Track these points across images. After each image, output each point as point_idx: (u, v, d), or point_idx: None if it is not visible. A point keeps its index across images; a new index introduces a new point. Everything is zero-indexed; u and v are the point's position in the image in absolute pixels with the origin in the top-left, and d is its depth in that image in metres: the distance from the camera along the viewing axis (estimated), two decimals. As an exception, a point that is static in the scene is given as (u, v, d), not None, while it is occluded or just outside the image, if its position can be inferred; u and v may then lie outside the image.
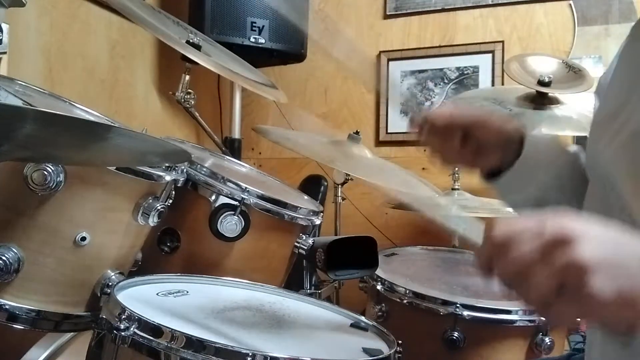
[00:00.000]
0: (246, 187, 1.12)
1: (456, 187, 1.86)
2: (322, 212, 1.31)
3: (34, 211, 0.85)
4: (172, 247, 1.13)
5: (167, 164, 0.98)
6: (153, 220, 0.95)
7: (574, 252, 0.49)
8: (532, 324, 1.15)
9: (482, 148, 0.85)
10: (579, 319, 0.51)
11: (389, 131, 2.43)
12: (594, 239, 0.50)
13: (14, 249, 0.83)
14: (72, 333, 1.04)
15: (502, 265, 0.52)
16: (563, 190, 0.86)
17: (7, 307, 0.85)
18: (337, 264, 1.20)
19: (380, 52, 2.46)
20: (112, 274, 0.95)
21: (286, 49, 2.17)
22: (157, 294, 0.90)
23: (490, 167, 0.88)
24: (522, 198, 0.88)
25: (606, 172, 0.71)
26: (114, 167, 0.88)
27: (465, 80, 2.34)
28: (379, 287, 1.26)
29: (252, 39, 2.07)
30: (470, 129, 0.84)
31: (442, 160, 0.89)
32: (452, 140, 0.84)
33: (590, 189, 0.80)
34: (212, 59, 1.48)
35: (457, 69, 2.35)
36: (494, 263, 0.53)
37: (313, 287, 1.39)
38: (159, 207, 0.95)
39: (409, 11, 2.43)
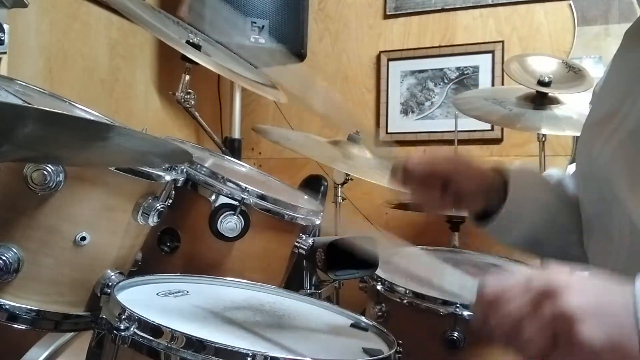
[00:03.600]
0: (246, 187, 1.12)
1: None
2: (322, 212, 1.31)
3: (33, 211, 0.85)
4: (172, 247, 1.13)
5: (167, 164, 0.98)
6: (153, 220, 0.95)
7: (561, 303, 0.51)
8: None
9: (463, 196, 0.84)
10: None
11: (389, 131, 2.43)
12: (579, 289, 0.53)
13: (14, 249, 0.83)
14: (72, 333, 1.04)
15: (496, 322, 0.55)
16: (553, 225, 0.86)
17: (7, 307, 0.85)
18: (337, 264, 1.20)
19: (380, 52, 2.46)
20: (112, 274, 0.94)
21: (286, 49, 2.17)
22: (157, 294, 0.90)
23: (476, 212, 0.89)
24: (514, 238, 0.88)
25: (603, 173, 0.71)
26: (114, 167, 0.88)
27: (465, 80, 2.34)
28: (379, 287, 1.26)
29: (252, 39, 2.07)
30: (450, 177, 0.83)
31: (424, 208, 0.88)
32: (432, 189, 0.83)
33: (585, 191, 0.80)
34: (212, 59, 1.48)
35: (457, 69, 2.35)
36: (488, 319, 0.56)
37: (313, 287, 1.40)
38: (158, 207, 0.95)
39: (409, 11, 2.43)
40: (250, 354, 0.67)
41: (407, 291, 1.20)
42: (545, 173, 0.94)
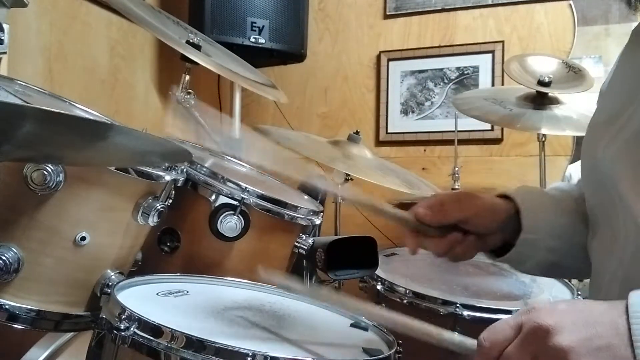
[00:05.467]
0: (246, 187, 1.12)
1: (456, 187, 1.87)
2: (322, 212, 1.31)
3: (33, 211, 0.85)
4: (172, 247, 1.13)
5: (167, 164, 0.98)
6: (153, 220, 0.95)
7: (553, 340, 0.51)
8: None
9: (482, 235, 0.83)
10: None
11: (389, 131, 2.43)
12: (567, 322, 0.52)
13: (14, 249, 0.83)
14: (72, 333, 1.04)
15: None
16: (571, 246, 0.84)
17: (7, 307, 0.85)
18: (337, 264, 1.20)
19: (380, 52, 2.46)
20: (112, 274, 0.94)
21: (286, 49, 2.17)
22: (157, 294, 0.90)
23: (494, 246, 0.87)
24: (533, 265, 0.87)
25: (608, 173, 0.71)
26: (114, 167, 0.88)
27: (465, 80, 2.34)
28: (379, 287, 1.26)
29: (252, 39, 2.07)
30: (463, 221, 0.82)
31: (454, 257, 0.84)
32: (452, 233, 0.81)
33: (590, 192, 0.79)
34: (212, 59, 1.48)
35: (457, 69, 2.35)
36: None
37: (313, 287, 1.39)
38: (158, 207, 0.95)
39: (409, 11, 2.43)
40: (250, 354, 0.67)
41: (407, 291, 1.21)
42: (551, 188, 0.92)
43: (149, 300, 0.87)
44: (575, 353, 0.50)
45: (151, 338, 0.70)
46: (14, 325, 0.86)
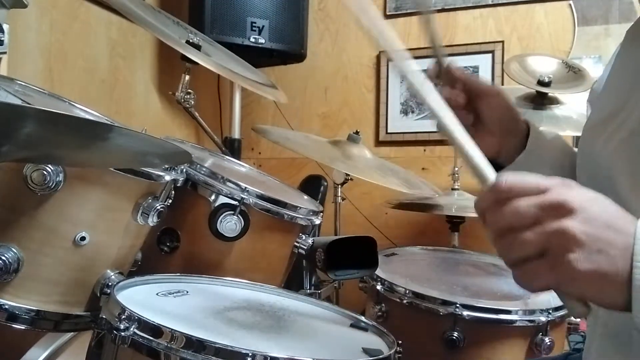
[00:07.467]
0: (246, 187, 1.12)
1: (456, 187, 1.87)
2: (322, 212, 1.31)
3: (33, 211, 0.85)
4: (171, 247, 1.13)
5: (167, 166, 0.98)
6: (153, 220, 0.95)
7: (568, 222, 0.50)
8: (532, 324, 1.15)
9: (484, 119, 0.82)
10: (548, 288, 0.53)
11: (388, 131, 2.43)
12: (590, 215, 0.51)
13: (13, 249, 0.83)
14: (72, 333, 1.04)
15: (497, 215, 0.53)
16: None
17: (7, 307, 0.85)
18: (337, 264, 1.20)
19: (380, 52, 2.46)
20: (112, 274, 0.94)
21: (286, 49, 2.17)
22: (157, 294, 0.90)
23: (487, 154, 0.87)
24: None
25: (605, 172, 0.71)
26: (114, 167, 0.88)
27: (465, 80, 2.33)
28: (378, 287, 1.26)
29: (252, 39, 2.07)
30: (480, 96, 0.81)
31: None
32: (459, 94, 0.81)
33: None
34: (212, 59, 1.48)
35: (457, 69, 2.34)
36: (490, 210, 0.54)
37: (313, 287, 1.39)
38: (158, 207, 0.95)
39: (409, 11, 2.43)
40: (250, 354, 0.67)
41: (407, 291, 1.21)
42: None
43: (148, 300, 0.87)
44: (580, 242, 0.50)
45: (151, 338, 0.70)
46: (13, 325, 0.86)
